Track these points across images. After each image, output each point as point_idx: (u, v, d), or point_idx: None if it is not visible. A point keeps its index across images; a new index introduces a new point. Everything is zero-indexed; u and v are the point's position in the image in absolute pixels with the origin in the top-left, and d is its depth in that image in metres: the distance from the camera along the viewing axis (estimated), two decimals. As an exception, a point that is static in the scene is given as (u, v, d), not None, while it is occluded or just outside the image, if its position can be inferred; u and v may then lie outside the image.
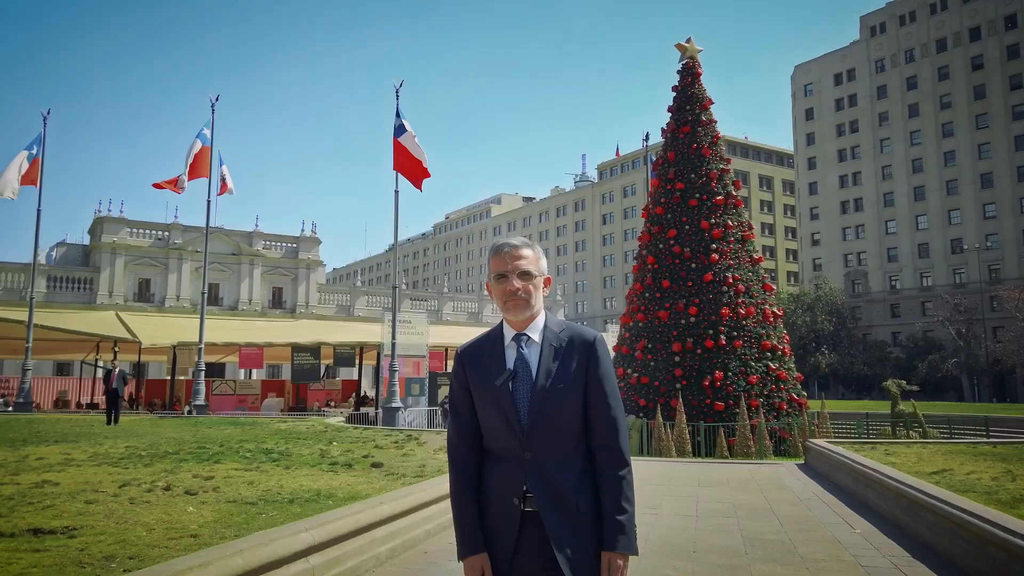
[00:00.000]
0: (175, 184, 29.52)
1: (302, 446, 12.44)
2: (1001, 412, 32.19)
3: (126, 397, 29.62)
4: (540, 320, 2.49)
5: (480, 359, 2.49)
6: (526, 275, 2.45)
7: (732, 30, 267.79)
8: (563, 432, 2.37)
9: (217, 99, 30.37)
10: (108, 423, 20.10)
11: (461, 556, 2.40)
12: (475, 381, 2.46)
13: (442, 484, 7.72)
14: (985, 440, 16.42)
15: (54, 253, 54.10)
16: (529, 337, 2.45)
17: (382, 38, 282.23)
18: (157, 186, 30.05)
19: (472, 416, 2.47)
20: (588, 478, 2.37)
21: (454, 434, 2.50)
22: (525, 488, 2.32)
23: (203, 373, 29.31)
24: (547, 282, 2.55)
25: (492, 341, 2.51)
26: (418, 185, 24.38)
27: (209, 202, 30.74)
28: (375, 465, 9.85)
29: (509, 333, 2.49)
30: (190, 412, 28.04)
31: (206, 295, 30.33)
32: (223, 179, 30.57)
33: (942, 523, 6.61)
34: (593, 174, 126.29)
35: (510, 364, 2.43)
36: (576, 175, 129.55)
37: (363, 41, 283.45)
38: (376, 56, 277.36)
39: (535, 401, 2.35)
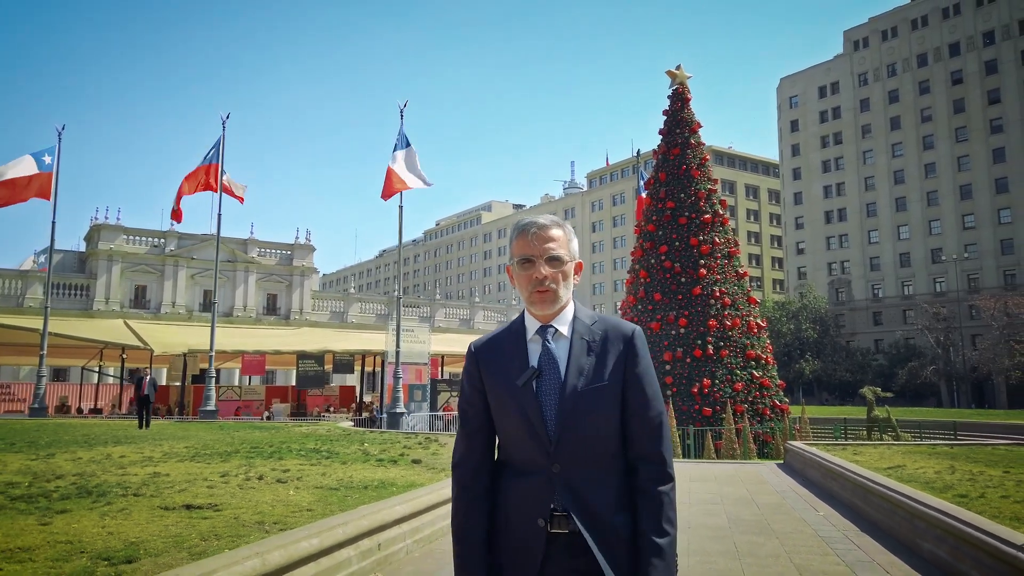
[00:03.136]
0: (179, 211, 30.80)
1: (341, 446, 14.00)
2: (974, 418, 34.14)
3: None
4: (569, 311, 2.19)
5: (498, 355, 2.16)
6: (555, 261, 2.14)
7: (720, 42, 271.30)
8: (598, 441, 2.06)
9: (228, 117, 31.85)
10: (140, 427, 21.45)
11: None
12: (492, 381, 2.13)
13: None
14: (943, 442, 18.15)
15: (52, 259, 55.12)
16: (556, 330, 2.15)
17: (375, 47, 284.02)
18: (176, 216, 31.17)
19: (484, 422, 2.16)
20: (628, 496, 2.06)
21: (461, 444, 2.19)
22: (553, 507, 2.01)
23: (214, 380, 30.77)
24: (578, 268, 2.23)
25: (513, 335, 2.19)
26: (384, 195, 26.76)
27: (220, 215, 32.07)
28: (415, 461, 11.46)
29: (533, 325, 2.17)
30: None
31: (210, 303, 31.73)
32: (235, 189, 31.82)
33: (886, 505, 8.29)
34: (582, 182, 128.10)
35: (534, 361, 2.11)
36: (565, 183, 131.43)
37: (355, 51, 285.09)
38: (368, 64, 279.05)
39: (565, 404, 2.04)
